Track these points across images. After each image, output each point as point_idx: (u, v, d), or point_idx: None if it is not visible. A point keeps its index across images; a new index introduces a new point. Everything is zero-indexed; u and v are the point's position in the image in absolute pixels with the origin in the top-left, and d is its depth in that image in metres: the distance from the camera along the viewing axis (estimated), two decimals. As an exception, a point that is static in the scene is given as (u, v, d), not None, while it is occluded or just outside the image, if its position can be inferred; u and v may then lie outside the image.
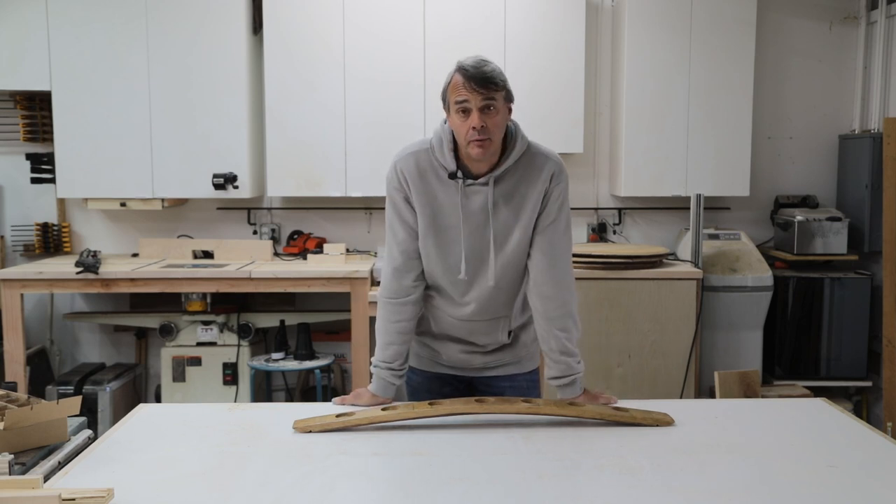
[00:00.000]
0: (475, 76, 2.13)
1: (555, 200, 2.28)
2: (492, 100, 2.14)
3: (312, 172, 4.70)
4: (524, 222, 2.27)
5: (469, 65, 2.16)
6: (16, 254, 5.03)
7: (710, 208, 4.94)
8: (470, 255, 2.28)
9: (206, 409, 2.42)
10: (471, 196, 2.26)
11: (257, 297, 4.91)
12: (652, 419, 2.20)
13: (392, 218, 2.33)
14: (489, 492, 1.76)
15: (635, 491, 1.76)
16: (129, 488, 1.74)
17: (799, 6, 5.07)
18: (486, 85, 2.13)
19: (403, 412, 2.19)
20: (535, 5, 4.66)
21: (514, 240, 2.28)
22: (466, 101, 2.13)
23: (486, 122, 2.14)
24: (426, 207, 2.27)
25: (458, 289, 2.32)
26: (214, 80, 4.64)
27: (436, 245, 2.29)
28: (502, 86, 2.17)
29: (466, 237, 2.27)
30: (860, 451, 2.01)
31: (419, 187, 2.26)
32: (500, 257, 2.29)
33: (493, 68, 2.16)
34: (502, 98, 2.17)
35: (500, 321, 2.38)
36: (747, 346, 4.59)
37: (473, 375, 2.47)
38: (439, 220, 2.27)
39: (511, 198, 2.26)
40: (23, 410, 1.98)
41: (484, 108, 2.14)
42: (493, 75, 2.15)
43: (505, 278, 2.31)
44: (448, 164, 2.24)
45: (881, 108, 4.82)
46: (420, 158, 2.27)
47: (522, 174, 2.26)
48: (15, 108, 4.88)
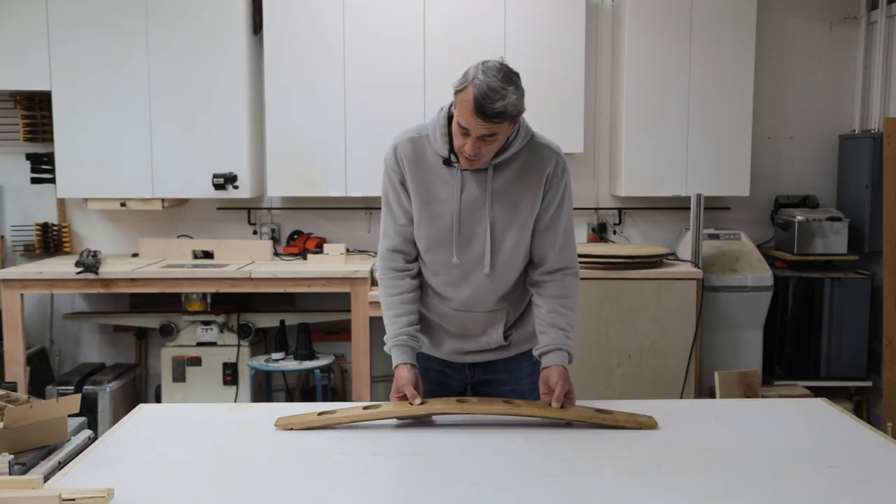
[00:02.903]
0: (483, 110, 2.03)
1: (558, 191, 2.28)
2: (494, 132, 2.09)
3: (312, 172, 4.70)
4: (524, 212, 2.27)
5: (485, 92, 2.02)
6: (16, 254, 5.03)
7: (711, 208, 4.94)
8: (464, 240, 2.27)
9: (206, 409, 2.42)
10: (468, 182, 2.25)
11: (257, 297, 4.91)
12: (635, 422, 2.18)
13: (390, 199, 2.33)
14: (489, 492, 1.76)
15: (635, 491, 1.76)
16: (129, 488, 1.74)
17: (799, 6, 5.07)
18: (493, 120, 2.06)
19: (384, 411, 2.19)
20: (535, 5, 4.66)
21: (513, 229, 2.27)
22: (469, 127, 2.08)
23: (480, 149, 2.12)
24: (420, 194, 2.27)
25: (453, 275, 2.30)
26: (214, 80, 4.64)
27: (430, 230, 2.28)
28: (510, 118, 2.08)
29: (462, 223, 2.26)
30: (860, 452, 2.01)
31: (415, 172, 2.26)
32: (497, 245, 2.28)
33: (505, 104, 2.03)
34: (507, 126, 2.11)
35: (496, 315, 2.36)
36: (747, 346, 4.59)
37: (473, 361, 2.44)
38: (434, 205, 2.26)
39: (511, 186, 2.26)
40: (22, 409, 1.98)
41: (483, 137, 2.10)
42: (504, 111, 2.04)
43: (502, 267, 2.30)
44: (441, 151, 2.24)
45: (881, 108, 4.82)
46: (417, 144, 2.27)
47: (524, 164, 2.26)
48: (15, 108, 4.88)
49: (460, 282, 2.31)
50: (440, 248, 2.29)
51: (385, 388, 5.04)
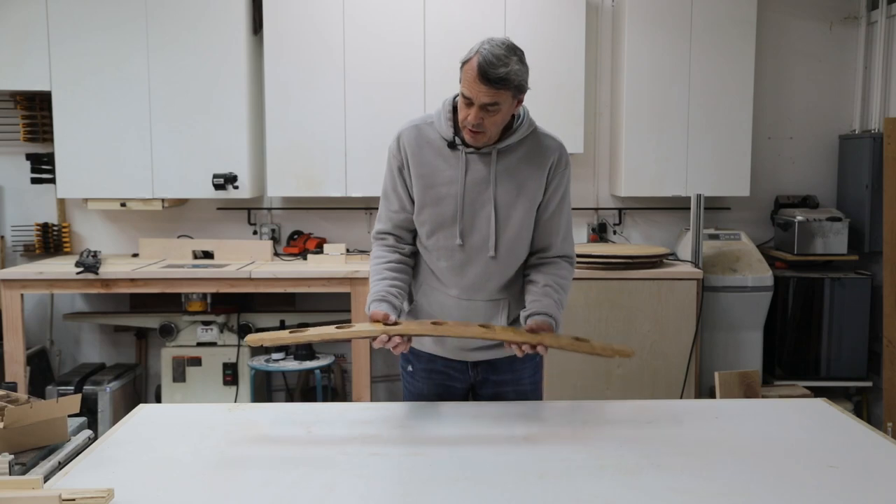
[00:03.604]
0: (486, 76, 2.10)
1: (562, 181, 2.32)
2: (496, 100, 2.13)
3: (312, 172, 4.70)
4: (527, 198, 2.29)
5: (489, 59, 2.10)
6: (16, 254, 5.03)
7: (711, 208, 4.94)
8: (468, 223, 2.29)
9: (206, 409, 2.42)
10: (472, 164, 2.27)
11: (257, 298, 4.91)
12: (612, 350, 2.19)
13: (387, 185, 2.37)
14: (489, 492, 1.76)
15: (635, 491, 1.76)
16: (129, 488, 1.74)
17: (799, 6, 5.06)
18: (495, 86, 2.11)
19: (357, 330, 2.19)
20: (535, 5, 4.66)
21: (517, 213, 2.29)
22: (472, 95, 2.13)
23: (483, 119, 2.16)
24: (424, 177, 2.29)
25: (457, 259, 2.31)
26: (214, 80, 4.64)
27: (433, 213, 2.30)
28: (514, 87, 2.13)
29: (466, 206, 2.27)
30: (860, 452, 2.01)
31: (417, 157, 2.29)
32: (501, 229, 2.29)
33: (508, 70, 2.10)
34: (510, 97, 2.16)
35: (498, 305, 2.36)
36: (747, 346, 4.59)
37: (476, 360, 2.43)
38: (438, 188, 2.28)
39: (514, 173, 2.28)
40: (22, 409, 1.98)
41: (486, 106, 2.14)
42: (507, 77, 2.11)
43: (505, 251, 2.31)
44: (445, 134, 2.26)
45: (881, 109, 4.82)
46: (422, 130, 2.31)
47: (527, 153, 2.29)
48: (15, 108, 4.88)
49: (463, 267, 2.32)
50: (443, 232, 2.30)
51: (385, 388, 5.04)
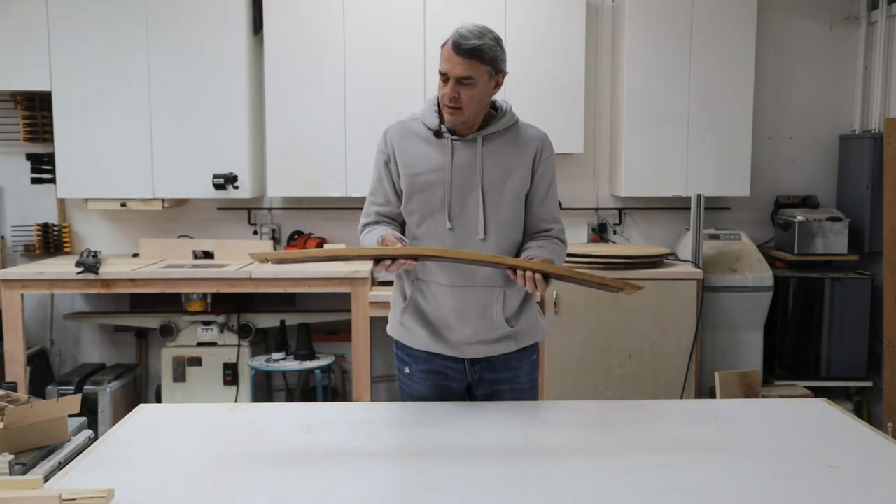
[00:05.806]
0: (460, 46, 2.18)
1: (548, 168, 2.38)
2: (471, 73, 2.18)
3: (312, 172, 4.70)
4: (514, 184, 2.33)
5: (463, 32, 2.19)
6: (16, 254, 5.03)
7: (711, 208, 4.94)
8: (457, 207, 2.32)
9: (206, 409, 2.43)
10: (458, 150, 2.32)
11: (257, 298, 4.91)
12: (622, 282, 2.17)
13: (374, 180, 2.44)
14: (489, 492, 1.76)
15: (635, 491, 1.76)
16: (129, 488, 1.74)
17: (799, 6, 5.06)
18: (469, 57, 2.17)
19: (362, 250, 2.29)
20: (535, 5, 4.66)
21: (505, 199, 2.33)
22: (447, 69, 2.20)
23: (459, 93, 2.20)
24: (410, 166, 2.34)
25: (448, 245, 2.32)
26: (214, 80, 4.64)
27: (422, 201, 2.34)
28: (487, 60, 2.19)
29: (454, 190, 2.31)
30: (861, 452, 2.01)
31: (403, 148, 2.35)
32: (490, 211, 2.32)
33: (482, 43, 2.18)
34: (486, 73, 2.21)
35: (492, 293, 2.35)
36: (747, 346, 4.59)
37: (474, 356, 2.43)
38: (426, 175, 2.33)
39: (500, 160, 2.33)
40: (23, 409, 1.99)
41: (461, 80, 2.19)
42: (480, 49, 2.18)
43: (495, 234, 2.34)
44: (430, 124, 2.32)
45: (881, 109, 4.82)
46: (408, 125, 2.39)
47: (511, 142, 2.35)
48: (15, 108, 4.88)
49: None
50: (433, 218, 2.34)
51: (385, 388, 5.04)
